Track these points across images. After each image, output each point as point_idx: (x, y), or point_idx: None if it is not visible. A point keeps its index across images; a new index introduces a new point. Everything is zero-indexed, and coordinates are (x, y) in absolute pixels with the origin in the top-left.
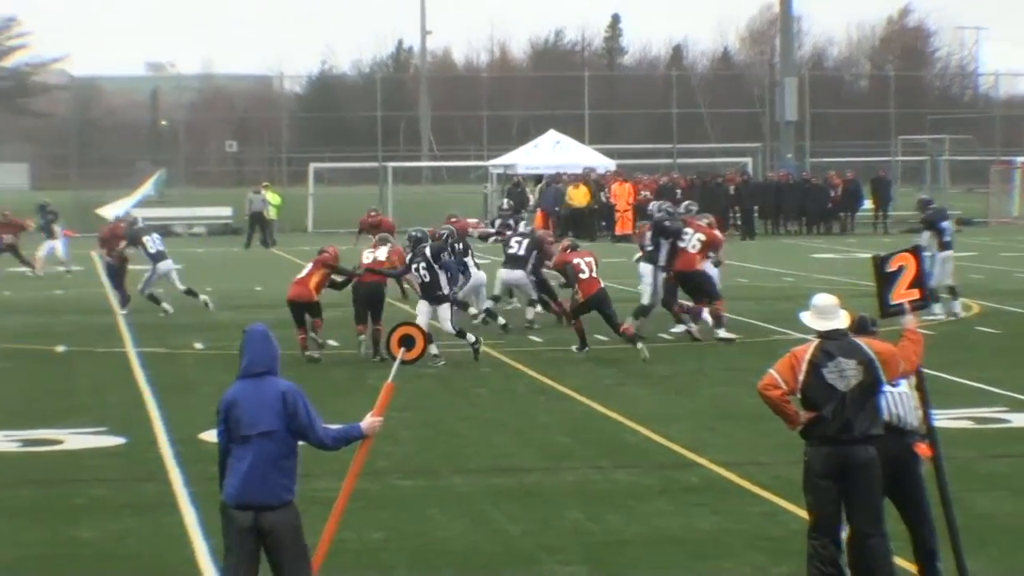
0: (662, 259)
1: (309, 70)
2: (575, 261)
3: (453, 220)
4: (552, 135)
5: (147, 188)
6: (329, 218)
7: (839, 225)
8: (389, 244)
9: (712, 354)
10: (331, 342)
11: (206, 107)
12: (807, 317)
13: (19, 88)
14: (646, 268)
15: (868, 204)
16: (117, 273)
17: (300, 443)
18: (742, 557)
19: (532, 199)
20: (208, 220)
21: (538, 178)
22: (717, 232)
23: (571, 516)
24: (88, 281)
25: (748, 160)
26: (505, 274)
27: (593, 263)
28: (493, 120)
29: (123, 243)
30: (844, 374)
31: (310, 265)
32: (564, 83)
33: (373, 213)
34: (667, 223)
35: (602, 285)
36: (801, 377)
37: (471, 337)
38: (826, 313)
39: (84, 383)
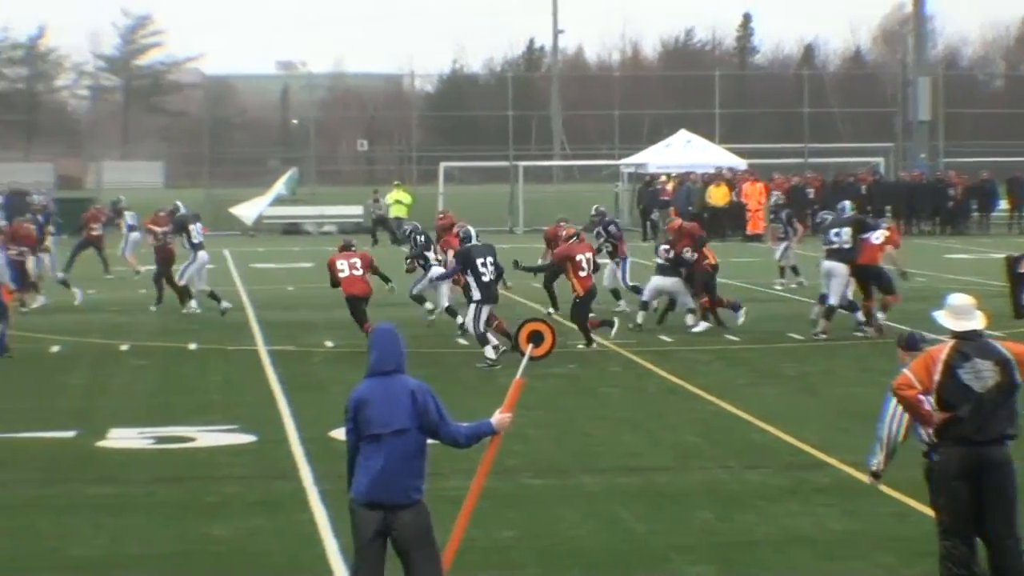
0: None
1: (440, 69)
2: (577, 257)
3: (440, 217)
4: (683, 134)
5: (279, 187)
6: (459, 217)
7: (973, 225)
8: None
9: (843, 354)
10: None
11: (337, 106)
12: (943, 317)
13: (153, 87)
14: (839, 267)
15: (1004, 204)
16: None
17: (429, 442)
18: (872, 558)
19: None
20: (339, 219)
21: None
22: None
23: (701, 516)
24: (221, 279)
25: (880, 160)
26: (658, 281)
27: (592, 259)
28: (624, 119)
29: (166, 229)
30: (980, 375)
31: (357, 260)
32: (695, 82)
33: (441, 216)
34: (869, 220)
35: (593, 281)
36: (936, 377)
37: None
38: (962, 313)
39: (216, 381)
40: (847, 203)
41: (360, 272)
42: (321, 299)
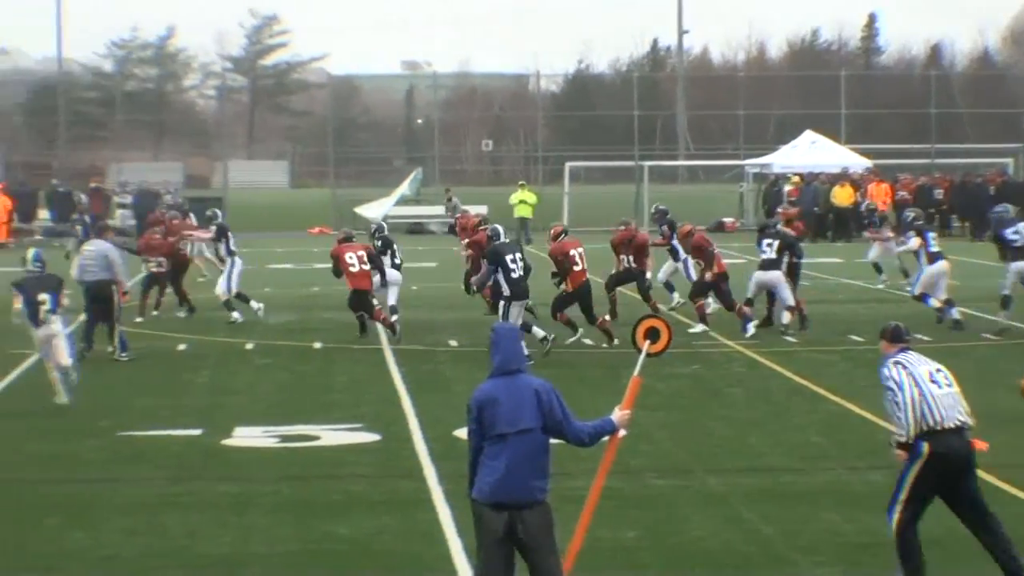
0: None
1: (566, 69)
2: (571, 252)
3: (459, 217)
4: (808, 135)
5: (404, 187)
6: (585, 216)
7: None
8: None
9: (967, 355)
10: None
11: (462, 105)
12: None
13: (279, 87)
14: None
15: None
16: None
17: (553, 441)
18: None
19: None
20: None
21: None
22: None
23: (826, 517)
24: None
25: (1009, 161)
26: (760, 276)
27: (584, 254)
28: (749, 119)
29: (208, 235)
30: None
31: (363, 253)
32: (820, 82)
33: (459, 216)
34: None
35: (587, 277)
36: None
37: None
38: None
39: (340, 380)
40: (1008, 205)
41: (367, 266)
42: (445, 298)
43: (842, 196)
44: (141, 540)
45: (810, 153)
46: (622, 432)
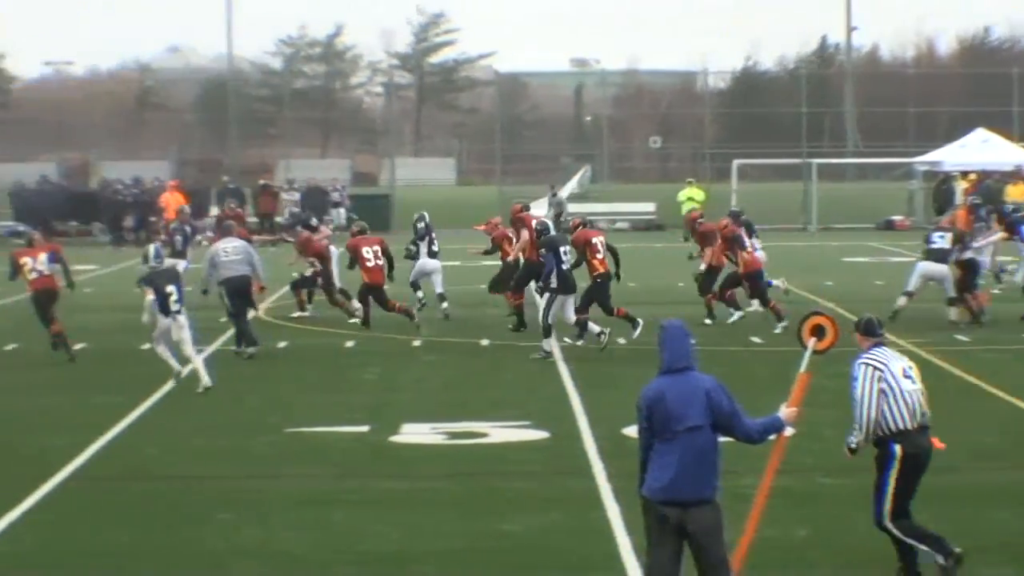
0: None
1: (733, 66)
2: (593, 241)
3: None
4: (980, 133)
5: (573, 184)
6: (752, 214)
7: None
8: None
9: None
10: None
11: (630, 103)
12: None
13: (446, 84)
14: None
15: None
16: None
17: (722, 439)
18: None
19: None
20: (631, 216)
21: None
22: None
23: (998, 517)
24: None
25: None
26: (925, 267)
27: (604, 243)
28: (919, 117)
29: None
30: None
31: (378, 248)
32: (992, 80)
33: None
34: None
35: (607, 268)
36: None
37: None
38: None
39: (508, 377)
40: None
41: (381, 261)
42: (614, 296)
43: (1016, 194)
44: (310, 536)
45: (981, 151)
46: (790, 430)
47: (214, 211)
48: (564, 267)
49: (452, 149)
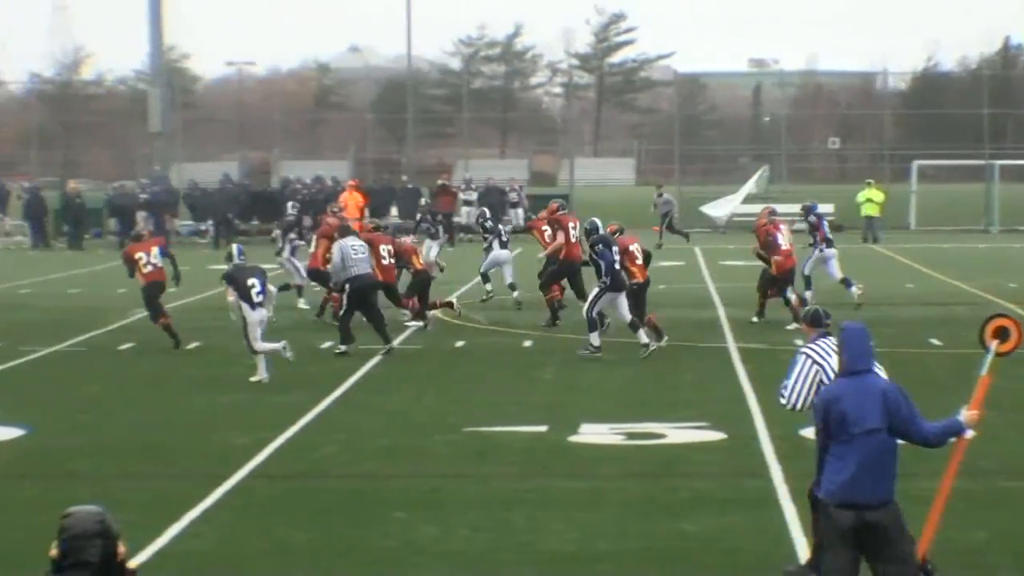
0: None
1: (913, 67)
2: (631, 248)
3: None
4: None
5: (751, 185)
6: (932, 216)
7: None
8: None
9: None
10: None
11: (808, 103)
12: None
13: (625, 84)
14: None
15: None
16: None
17: (899, 442)
18: None
19: None
20: None
21: None
22: None
23: None
24: (690, 277)
25: None
26: None
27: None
28: None
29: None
30: None
31: (391, 247)
32: None
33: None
34: None
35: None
36: None
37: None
38: None
39: (687, 377)
40: None
41: (393, 260)
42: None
43: None
44: (487, 535)
45: None
46: (970, 433)
47: (394, 212)
48: (615, 265)
49: (631, 149)
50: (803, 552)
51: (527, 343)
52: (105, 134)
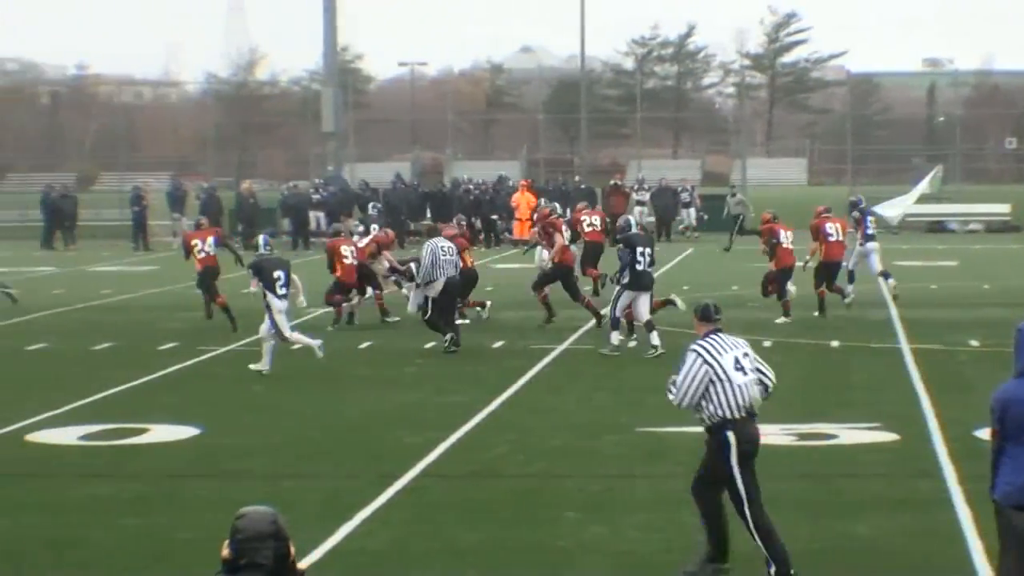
0: None
1: None
2: (781, 236)
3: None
4: None
5: (924, 185)
6: None
7: None
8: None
9: None
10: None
11: (983, 103)
12: None
13: (798, 84)
14: None
15: None
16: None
17: None
18: None
19: None
20: (985, 217)
21: None
22: None
23: None
24: (863, 276)
25: None
26: None
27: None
28: None
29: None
30: None
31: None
32: None
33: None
34: None
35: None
36: None
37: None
38: None
39: (858, 378)
40: None
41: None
42: (966, 297)
43: None
44: (659, 536)
45: None
46: None
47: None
48: (639, 267)
49: (803, 149)
50: (977, 556)
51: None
52: (279, 134)
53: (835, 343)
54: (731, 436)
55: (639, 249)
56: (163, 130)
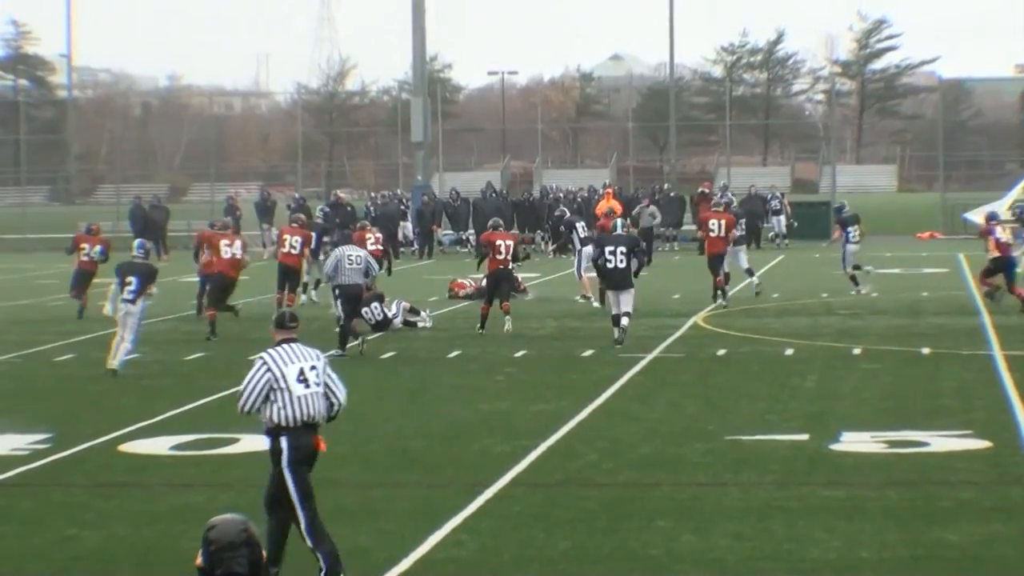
0: None
1: None
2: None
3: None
4: None
5: (1016, 191)
6: None
7: None
8: None
9: None
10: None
11: None
12: None
13: (888, 90)
14: None
15: None
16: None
17: None
18: None
19: None
20: None
21: None
22: None
23: None
24: (953, 282)
25: None
26: None
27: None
28: None
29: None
30: None
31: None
32: None
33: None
34: None
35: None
36: None
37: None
38: None
39: (949, 385)
40: None
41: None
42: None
43: None
44: (748, 544)
45: None
46: None
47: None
48: (609, 264)
49: (893, 156)
50: None
51: (788, 351)
52: (368, 144)
53: (925, 350)
54: (284, 443)
55: (608, 248)
56: (252, 141)
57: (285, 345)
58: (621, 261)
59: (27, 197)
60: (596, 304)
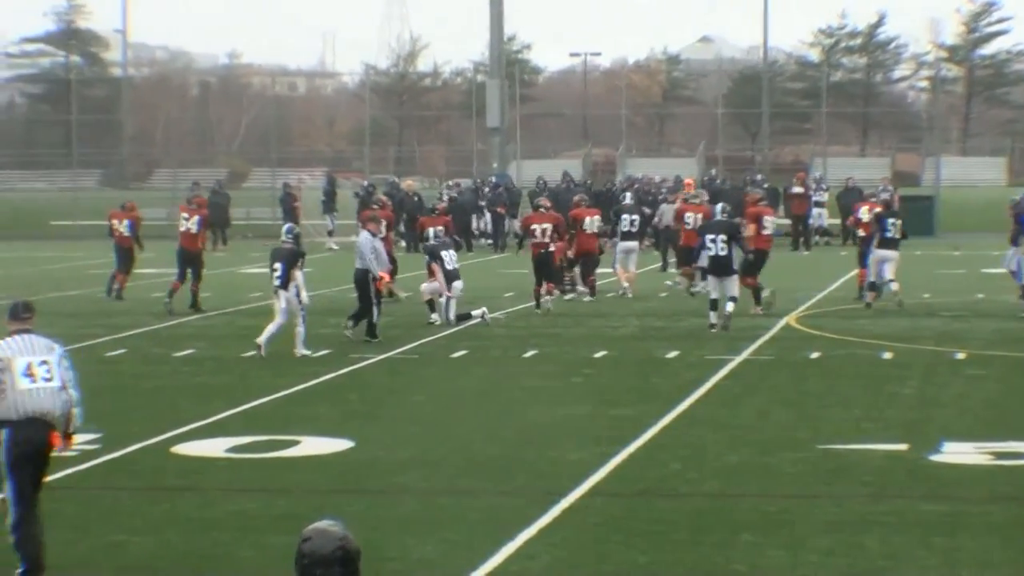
0: None
1: None
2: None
3: None
4: None
5: None
6: None
7: None
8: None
9: None
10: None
11: None
12: None
13: (997, 77)
14: None
15: None
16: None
17: None
18: None
19: None
20: None
21: None
22: None
23: None
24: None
25: None
26: None
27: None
28: None
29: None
30: None
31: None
32: None
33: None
34: None
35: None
36: None
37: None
38: None
39: None
40: None
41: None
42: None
43: None
44: (839, 561)
45: None
46: None
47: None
48: (709, 252)
49: (1002, 148)
50: None
51: (886, 355)
52: (439, 129)
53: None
54: (6, 435)
55: (708, 237)
56: (317, 124)
57: (19, 336)
58: (722, 249)
59: (78, 181)
60: (629, 295)
